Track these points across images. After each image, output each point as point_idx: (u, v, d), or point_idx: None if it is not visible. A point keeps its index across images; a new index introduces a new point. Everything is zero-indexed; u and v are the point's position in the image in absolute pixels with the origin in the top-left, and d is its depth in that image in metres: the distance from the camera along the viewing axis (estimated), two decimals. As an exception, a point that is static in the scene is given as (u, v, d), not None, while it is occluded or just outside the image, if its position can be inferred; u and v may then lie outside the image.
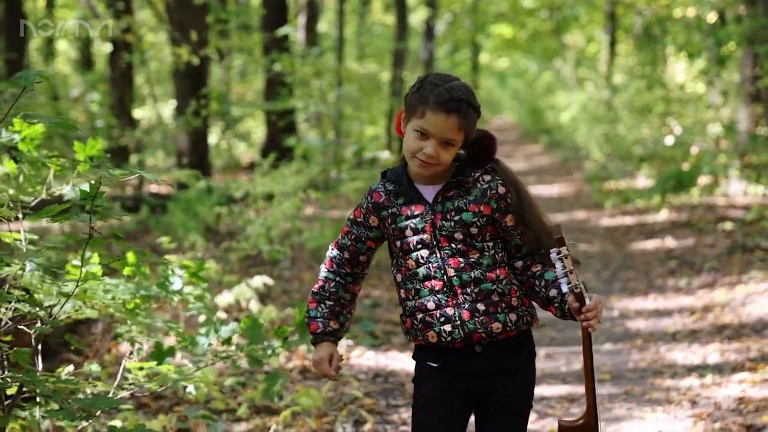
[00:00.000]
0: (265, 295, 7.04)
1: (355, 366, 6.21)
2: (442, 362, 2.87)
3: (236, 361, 3.56)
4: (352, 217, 2.96)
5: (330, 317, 2.91)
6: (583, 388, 5.70)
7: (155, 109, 15.04)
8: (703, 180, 13.29)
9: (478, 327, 2.82)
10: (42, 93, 15.05)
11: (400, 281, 2.90)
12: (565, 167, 20.45)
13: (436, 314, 2.84)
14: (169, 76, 16.94)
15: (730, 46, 14.01)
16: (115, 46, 13.97)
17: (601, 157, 18.05)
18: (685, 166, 13.72)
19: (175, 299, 3.94)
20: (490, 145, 2.87)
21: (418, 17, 28.84)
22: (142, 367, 3.77)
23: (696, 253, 9.71)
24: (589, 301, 2.77)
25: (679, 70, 18.26)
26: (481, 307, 2.82)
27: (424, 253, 2.84)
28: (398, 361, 6.32)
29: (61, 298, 3.26)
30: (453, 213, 2.82)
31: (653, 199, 13.21)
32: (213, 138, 16.20)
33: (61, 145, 14.66)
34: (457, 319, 2.82)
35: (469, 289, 2.82)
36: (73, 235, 3.14)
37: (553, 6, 28.23)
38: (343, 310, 2.95)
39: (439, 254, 2.83)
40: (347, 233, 2.95)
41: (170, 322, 3.99)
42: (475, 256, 2.82)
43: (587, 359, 2.82)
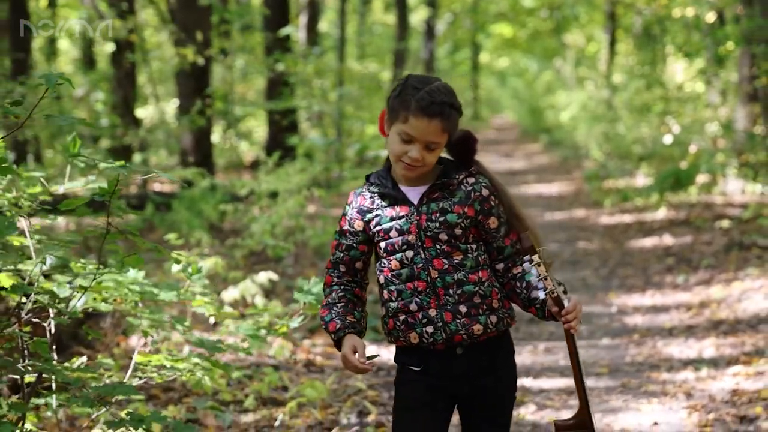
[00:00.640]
0: (269, 291, 7.18)
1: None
2: (424, 366, 2.89)
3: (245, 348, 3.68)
4: (338, 229, 2.98)
5: (345, 314, 2.91)
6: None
7: (158, 109, 15.17)
8: (701, 178, 13.43)
9: (460, 329, 2.85)
10: (41, 93, 15.17)
11: (382, 282, 2.93)
12: (565, 166, 20.58)
13: (419, 315, 2.86)
14: (171, 75, 17.08)
15: (728, 46, 14.14)
16: (119, 46, 14.10)
17: (601, 156, 18.17)
18: (684, 165, 13.86)
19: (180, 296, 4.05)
20: (473, 145, 2.93)
21: (418, 17, 28.97)
22: (150, 361, 3.89)
23: (693, 250, 9.85)
24: (567, 303, 2.81)
25: (679, 69, 18.39)
26: (463, 309, 2.85)
27: (409, 254, 2.87)
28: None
29: (77, 291, 3.40)
30: (438, 214, 2.86)
31: (652, 198, 13.35)
32: (215, 137, 16.32)
33: (66, 143, 14.77)
34: (440, 320, 2.85)
35: (451, 291, 2.85)
36: (92, 230, 3.27)
37: (553, 5, 28.36)
38: (356, 308, 2.95)
39: (423, 255, 2.86)
40: (337, 246, 2.97)
41: (180, 318, 4.13)
42: (459, 258, 2.86)
43: (574, 359, 2.86)
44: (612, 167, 16.63)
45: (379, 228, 2.90)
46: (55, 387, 3.73)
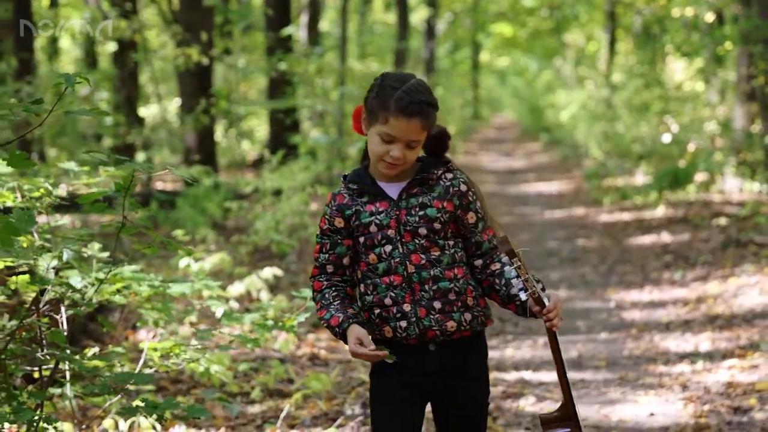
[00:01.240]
0: (274, 287, 7.31)
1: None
2: (396, 358, 2.88)
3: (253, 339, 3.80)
4: (319, 231, 2.99)
5: (344, 308, 2.91)
6: (577, 375, 6.01)
7: (160, 108, 15.30)
8: (700, 177, 13.56)
9: (433, 324, 2.88)
10: (46, 92, 15.31)
11: (359, 277, 2.96)
12: (565, 165, 20.72)
13: (393, 310, 2.89)
14: (173, 74, 17.20)
15: (726, 45, 14.26)
16: (122, 46, 14.23)
17: (600, 155, 18.29)
18: (682, 164, 13.99)
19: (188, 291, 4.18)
20: (446, 141, 2.96)
21: (418, 16, 29.08)
22: (159, 349, 4.01)
23: (691, 247, 9.98)
24: (548, 302, 2.84)
25: (678, 69, 18.51)
26: (437, 305, 2.88)
27: (387, 248, 2.90)
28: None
29: (93, 283, 3.53)
30: (417, 208, 2.89)
31: (650, 196, 13.48)
32: (217, 136, 16.45)
33: (69, 142, 14.93)
34: (413, 315, 2.88)
35: (427, 287, 2.88)
36: (107, 224, 3.40)
37: (553, 5, 28.47)
38: (353, 303, 2.97)
39: (401, 249, 2.89)
40: (321, 249, 2.97)
41: (189, 310, 4.27)
42: (436, 254, 2.89)
43: (556, 355, 2.90)
44: (611, 166, 16.76)
45: (358, 223, 2.92)
46: (70, 377, 3.86)
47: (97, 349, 4.07)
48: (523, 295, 2.83)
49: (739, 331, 6.77)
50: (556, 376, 2.95)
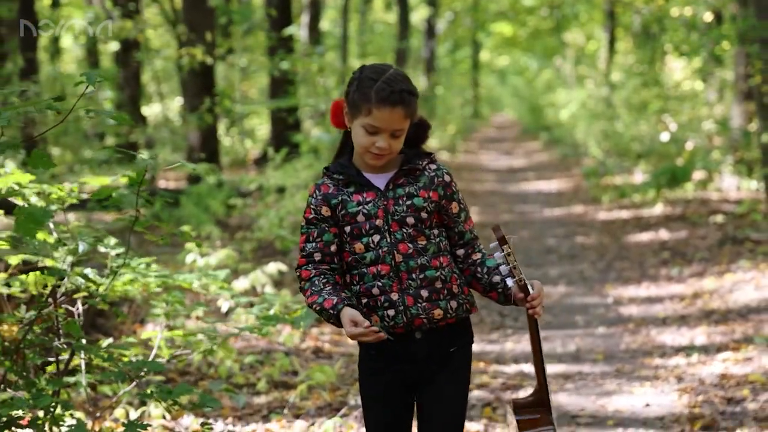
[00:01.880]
0: (278, 282, 7.46)
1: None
2: (384, 346, 2.93)
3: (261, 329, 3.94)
4: (304, 221, 3.00)
5: (336, 292, 2.90)
6: (574, 368, 6.15)
7: (163, 107, 15.44)
8: (698, 175, 13.71)
9: (421, 313, 2.92)
10: (50, 91, 15.45)
11: (345, 267, 2.99)
12: (564, 163, 20.86)
13: (381, 299, 2.92)
14: (174, 73, 17.32)
15: (724, 45, 14.39)
16: (126, 45, 14.37)
17: (600, 154, 18.43)
18: (680, 162, 14.13)
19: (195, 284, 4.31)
20: (426, 130, 3.02)
21: (419, 15, 29.21)
22: (168, 339, 4.15)
23: (688, 244, 10.12)
24: (532, 290, 2.91)
25: (677, 68, 18.64)
26: (424, 293, 2.93)
27: (375, 238, 2.93)
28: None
29: (110, 273, 3.67)
30: (405, 198, 2.94)
31: (649, 194, 13.62)
32: (219, 135, 16.59)
33: (73, 141, 15.06)
34: (401, 304, 2.92)
35: (414, 275, 2.92)
36: (121, 218, 3.54)
37: (553, 4, 28.60)
38: (344, 289, 2.97)
39: (389, 239, 2.93)
40: (307, 238, 2.98)
41: (195, 305, 4.41)
42: (423, 243, 2.94)
43: (535, 342, 2.96)
44: (610, 164, 16.89)
45: (344, 212, 2.95)
46: (85, 366, 3.99)
47: (111, 340, 4.21)
48: (510, 282, 2.90)
49: (734, 326, 6.91)
50: (534, 365, 3.00)
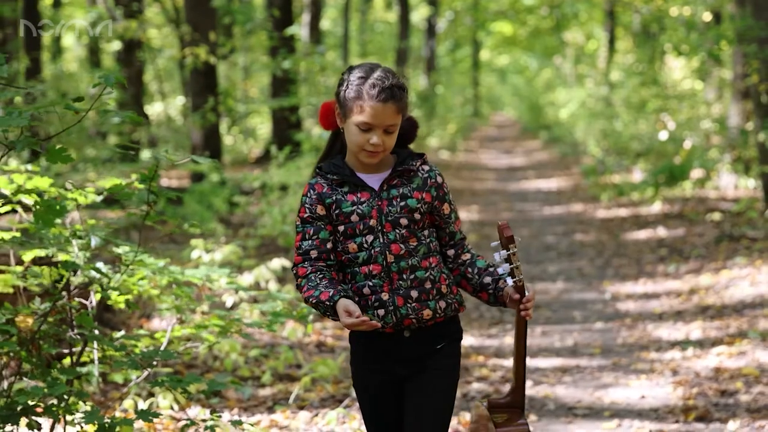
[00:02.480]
0: (282, 278, 7.59)
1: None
2: (373, 344, 2.99)
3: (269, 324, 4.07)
4: (299, 220, 3.01)
5: (333, 285, 2.92)
6: (572, 361, 6.28)
7: (165, 105, 15.56)
8: (696, 174, 13.84)
9: (410, 313, 2.95)
10: (54, 91, 15.58)
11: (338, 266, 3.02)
12: (564, 162, 20.99)
13: (371, 299, 2.95)
14: (176, 72, 17.44)
15: (722, 44, 14.50)
16: (129, 45, 14.49)
17: (599, 152, 18.56)
18: (678, 161, 14.26)
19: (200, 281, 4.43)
20: (415, 128, 3.05)
21: (419, 15, 29.32)
22: (180, 331, 4.27)
23: (685, 242, 10.26)
24: (528, 293, 2.95)
25: (676, 67, 18.77)
26: (414, 293, 2.96)
27: (369, 238, 2.95)
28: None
29: (122, 266, 3.80)
30: (398, 199, 2.96)
31: (647, 192, 13.75)
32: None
33: (75, 139, 15.18)
34: (391, 304, 2.95)
35: (405, 276, 2.95)
36: (133, 212, 3.66)
37: (553, 3, 28.70)
38: (340, 282, 2.99)
39: (382, 239, 2.95)
40: (303, 237, 2.99)
41: (207, 297, 4.53)
42: (414, 244, 2.97)
43: (521, 343, 2.98)
44: (609, 163, 17.02)
45: (338, 212, 2.97)
46: (97, 358, 4.13)
47: (123, 332, 4.34)
48: (509, 281, 2.94)
49: (729, 321, 7.04)
50: (514, 365, 3.02)
